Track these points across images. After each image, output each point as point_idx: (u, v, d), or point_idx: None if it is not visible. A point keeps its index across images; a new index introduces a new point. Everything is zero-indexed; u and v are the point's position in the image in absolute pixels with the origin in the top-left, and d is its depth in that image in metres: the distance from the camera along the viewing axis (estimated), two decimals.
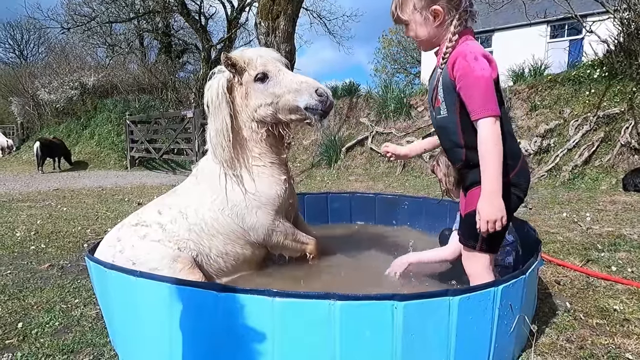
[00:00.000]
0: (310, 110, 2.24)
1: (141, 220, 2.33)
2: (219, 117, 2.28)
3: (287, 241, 2.53)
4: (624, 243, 3.48)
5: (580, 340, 1.98)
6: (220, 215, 2.35)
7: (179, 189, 2.59)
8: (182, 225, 2.30)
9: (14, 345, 1.99)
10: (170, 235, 2.25)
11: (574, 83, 7.42)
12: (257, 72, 2.28)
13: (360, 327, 1.45)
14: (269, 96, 2.29)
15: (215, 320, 1.55)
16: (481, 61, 1.57)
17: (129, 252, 2.16)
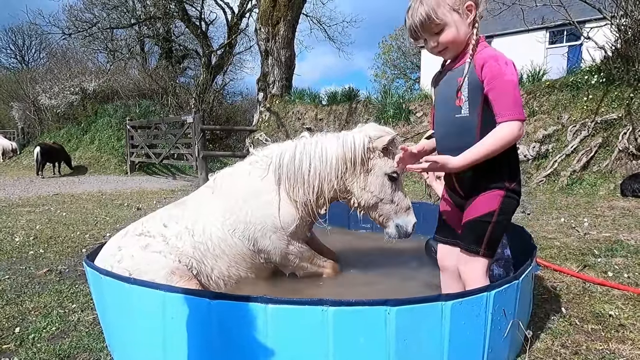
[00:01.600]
0: (398, 229, 2.47)
1: (145, 230, 2.34)
2: (340, 169, 2.37)
3: (302, 264, 2.55)
4: (620, 248, 3.48)
5: (575, 345, 1.98)
6: (230, 237, 2.36)
7: (190, 201, 2.59)
8: (186, 242, 2.30)
9: (10, 350, 2.00)
10: (172, 248, 2.26)
11: (572, 89, 7.45)
12: (395, 172, 2.40)
13: (354, 332, 1.46)
14: (385, 194, 2.42)
15: (208, 326, 1.56)
16: (511, 66, 1.62)
17: (127, 262, 2.16)
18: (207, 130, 12.32)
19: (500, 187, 1.72)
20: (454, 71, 1.76)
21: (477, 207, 1.76)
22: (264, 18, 11.88)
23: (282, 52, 11.95)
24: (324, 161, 2.39)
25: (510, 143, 1.61)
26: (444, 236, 1.99)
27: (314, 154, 2.42)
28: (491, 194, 1.72)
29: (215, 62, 18.54)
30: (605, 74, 7.02)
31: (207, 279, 2.31)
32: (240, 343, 1.53)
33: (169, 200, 7.37)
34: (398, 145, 2.41)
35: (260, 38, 12.10)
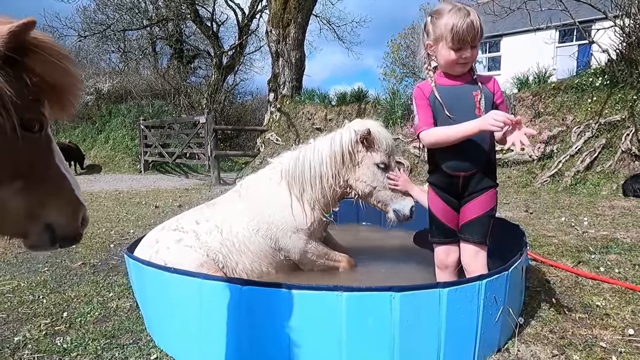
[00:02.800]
0: (396, 213, 2.68)
1: (180, 226, 2.63)
2: (334, 166, 2.63)
3: (320, 261, 2.80)
4: (615, 246, 3.68)
5: (562, 331, 2.21)
6: (254, 235, 2.64)
7: (219, 203, 2.87)
8: (215, 238, 2.58)
9: (62, 331, 2.28)
10: (202, 244, 2.53)
11: (576, 91, 7.60)
12: (383, 161, 2.65)
13: (364, 314, 1.71)
14: (377, 182, 2.66)
15: (238, 309, 1.82)
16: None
17: (163, 254, 2.45)
18: (219, 130, 12.61)
19: (495, 186, 2.10)
20: (466, 86, 2.06)
21: (482, 204, 2.07)
22: (275, 20, 12.14)
23: (292, 53, 12.20)
24: (320, 162, 2.66)
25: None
26: (445, 237, 2.21)
27: (312, 156, 2.70)
28: (491, 192, 2.07)
29: (226, 62, 18.86)
30: (609, 77, 7.16)
31: (232, 272, 2.58)
32: (266, 324, 1.79)
33: (184, 198, 7.68)
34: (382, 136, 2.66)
35: (271, 40, 12.36)
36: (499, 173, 7.70)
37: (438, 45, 2.03)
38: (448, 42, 1.96)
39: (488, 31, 7.39)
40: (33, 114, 0.92)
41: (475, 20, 1.92)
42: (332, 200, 2.77)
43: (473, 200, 2.08)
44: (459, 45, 1.94)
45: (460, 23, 1.90)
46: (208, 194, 8.04)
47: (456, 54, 1.97)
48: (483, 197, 2.05)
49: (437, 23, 2.00)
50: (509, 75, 10.02)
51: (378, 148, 2.64)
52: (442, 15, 1.98)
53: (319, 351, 1.74)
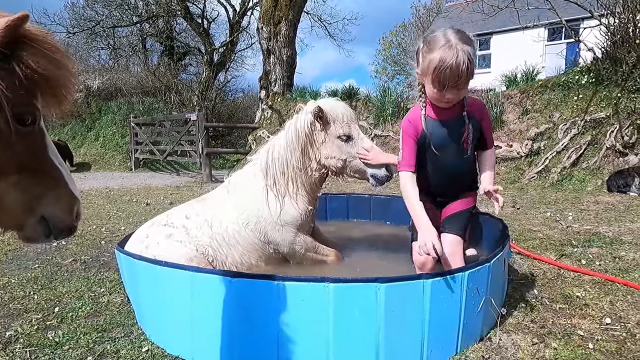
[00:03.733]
0: (374, 178, 2.68)
1: (170, 221, 2.67)
2: (296, 152, 2.64)
3: (308, 254, 2.84)
4: (597, 239, 3.78)
5: (542, 321, 2.29)
6: (244, 229, 2.68)
7: (209, 198, 2.92)
8: (205, 232, 2.62)
9: (54, 325, 2.31)
10: (192, 239, 2.57)
11: (563, 88, 7.73)
12: (344, 133, 2.65)
13: (350, 305, 1.76)
14: (345, 154, 2.67)
15: (229, 301, 1.86)
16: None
17: (153, 249, 2.48)
18: (211, 128, 12.59)
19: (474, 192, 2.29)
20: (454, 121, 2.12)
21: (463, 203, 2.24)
22: (266, 17, 12.14)
23: (283, 51, 12.21)
24: (284, 149, 2.67)
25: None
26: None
27: (278, 146, 2.72)
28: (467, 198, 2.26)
29: (218, 59, 18.79)
30: (594, 75, 7.30)
31: (221, 265, 2.62)
32: (256, 315, 1.83)
33: (175, 195, 7.68)
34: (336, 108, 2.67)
35: (262, 37, 12.35)
36: None
37: (424, 79, 2.01)
38: (430, 81, 1.94)
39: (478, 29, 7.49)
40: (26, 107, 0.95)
41: (463, 62, 1.82)
42: (313, 186, 2.80)
43: (455, 202, 2.27)
44: (441, 87, 1.91)
45: (445, 65, 1.83)
46: (199, 192, 8.04)
47: (438, 93, 1.95)
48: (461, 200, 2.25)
49: (426, 56, 1.94)
50: (498, 73, 10.14)
51: (335, 121, 2.65)
52: (432, 50, 1.90)
53: (307, 341, 1.79)
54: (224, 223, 2.67)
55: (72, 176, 1.14)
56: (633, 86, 6.90)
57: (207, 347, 1.91)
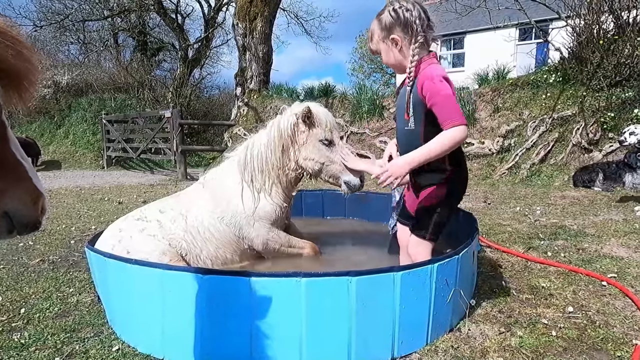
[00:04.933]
0: (347, 185, 2.72)
1: (143, 215, 2.63)
2: (276, 151, 2.68)
3: (282, 248, 2.85)
4: (563, 232, 3.94)
5: (509, 311, 2.37)
6: (219, 223, 2.68)
7: (184, 193, 2.91)
8: (179, 226, 2.60)
9: (20, 327, 2.24)
10: (165, 232, 2.55)
11: (532, 87, 7.98)
12: (327, 137, 2.70)
13: (322, 298, 1.78)
14: (324, 158, 2.72)
15: (200, 298, 1.85)
16: (444, 83, 1.90)
17: (126, 242, 2.45)
18: (185, 125, 12.39)
19: (441, 183, 2.08)
20: (404, 88, 2.09)
21: (425, 197, 2.13)
22: (241, 13, 12.02)
23: (259, 47, 12.12)
24: (265, 148, 2.72)
25: (457, 144, 1.89)
26: (404, 218, 2.36)
27: (259, 144, 2.76)
28: (434, 188, 2.09)
29: (192, 55, 18.50)
30: (561, 74, 7.56)
31: (195, 259, 2.60)
32: (228, 312, 1.83)
33: (149, 194, 7.53)
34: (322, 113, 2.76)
35: (237, 33, 12.23)
36: None
37: None
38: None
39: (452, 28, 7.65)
40: None
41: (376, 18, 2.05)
42: (288, 185, 2.86)
43: (421, 192, 2.15)
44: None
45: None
46: (174, 190, 7.92)
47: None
48: (428, 189, 2.10)
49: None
50: (472, 71, 10.37)
51: (319, 125, 2.72)
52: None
53: (280, 335, 1.80)
54: (200, 216, 2.67)
55: (40, 175, 1.11)
56: (597, 85, 7.18)
57: (179, 345, 1.89)
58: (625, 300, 2.46)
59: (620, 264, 3.04)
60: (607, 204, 5.22)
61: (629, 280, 2.74)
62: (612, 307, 2.38)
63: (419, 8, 1.96)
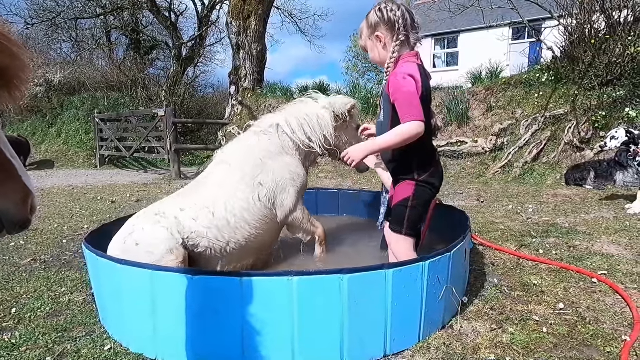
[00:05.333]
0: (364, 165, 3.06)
1: (161, 211, 2.52)
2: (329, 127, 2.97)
3: (305, 221, 2.96)
4: (555, 230, 3.97)
5: (501, 308, 2.39)
6: (253, 202, 2.66)
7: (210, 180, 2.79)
8: (202, 222, 2.51)
9: (10, 327, 2.22)
10: (182, 228, 2.45)
11: (525, 86, 8.02)
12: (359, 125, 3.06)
13: (314, 296, 1.78)
14: (356, 138, 3.08)
15: (191, 299, 1.84)
16: (408, 80, 1.95)
17: (137, 235, 2.35)
18: (179, 124, 12.33)
19: (411, 179, 2.13)
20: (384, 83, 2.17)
21: (398, 194, 2.18)
22: (235, 12, 11.97)
23: (253, 46, 12.09)
24: (326, 122, 2.96)
25: (411, 139, 1.96)
26: (388, 215, 2.40)
27: (316, 117, 2.96)
28: (404, 184, 2.14)
29: (186, 54, 18.40)
30: (554, 73, 7.61)
31: (221, 252, 2.55)
32: (219, 312, 1.82)
33: (142, 193, 7.49)
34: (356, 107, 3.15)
35: (231, 32, 12.18)
36: (454, 165, 8.04)
37: None
38: None
39: (446, 27, 7.70)
40: None
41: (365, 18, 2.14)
42: (315, 160, 3.16)
43: (396, 188, 2.22)
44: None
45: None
46: (168, 189, 7.88)
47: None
48: (398, 187, 2.17)
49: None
50: (465, 70, 10.41)
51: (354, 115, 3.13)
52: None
53: (272, 334, 1.80)
54: (230, 205, 2.60)
55: (32, 174, 1.10)
56: (589, 84, 7.24)
57: (171, 345, 1.89)
58: (615, 297, 2.49)
59: (611, 261, 3.07)
60: (598, 202, 5.26)
61: (619, 277, 2.77)
62: (603, 303, 2.41)
63: (404, 9, 2.06)
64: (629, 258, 3.14)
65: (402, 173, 2.16)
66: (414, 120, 1.91)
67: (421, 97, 1.96)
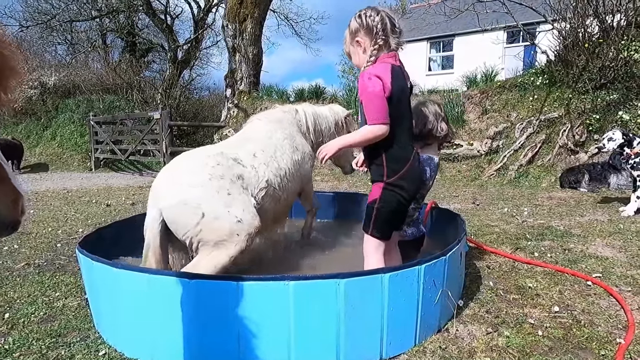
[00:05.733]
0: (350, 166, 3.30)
1: (239, 156, 2.46)
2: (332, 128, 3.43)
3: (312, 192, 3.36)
4: (549, 233, 3.99)
5: (497, 311, 2.39)
6: (292, 162, 2.81)
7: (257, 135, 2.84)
8: (272, 170, 2.56)
9: (3, 332, 2.20)
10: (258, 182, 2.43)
11: (519, 89, 8.08)
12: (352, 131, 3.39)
13: (310, 301, 1.78)
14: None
15: (187, 303, 1.83)
16: (374, 80, 1.98)
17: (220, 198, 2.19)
18: (175, 126, 12.31)
19: (379, 181, 2.14)
20: None
21: (370, 195, 2.20)
22: (231, 15, 11.98)
23: (249, 49, 12.10)
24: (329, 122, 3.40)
25: (372, 139, 2.02)
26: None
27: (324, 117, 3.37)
28: (375, 185, 2.17)
29: (182, 56, 18.38)
30: (548, 76, 7.66)
31: (276, 204, 2.62)
32: (216, 316, 1.82)
33: (138, 196, 7.46)
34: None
35: (227, 35, 12.19)
36: (450, 167, 8.07)
37: None
38: None
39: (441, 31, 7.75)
40: None
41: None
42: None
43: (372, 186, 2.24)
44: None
45: None
46: None
47: None
48: (373, 186, 2.19)
49: None
50: (461, 74, 10.46)
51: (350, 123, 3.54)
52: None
53: (268, 339, 1.79)
54: (285, 156, 2.76)
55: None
56: (583, 88, 7.30)
57: (167, 350, 1.88)
58: (609, 300, 2.50)
59: (605, 264, 3.09)
60: (592, 205, 5.30)
61: (614, 280, 2.79)
62: (597, 306, 2.42)
63: (384, 14, 2.07)
64: (623, 260, 3.17)
65: (374, 174, 2.18)
66: (374, 121, 1.96)
67: (390, 97, 1.97)
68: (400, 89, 2.03)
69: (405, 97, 2.11)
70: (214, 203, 2.20)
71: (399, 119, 2.04)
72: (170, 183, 2.28)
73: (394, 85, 1.98)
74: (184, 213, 2.17)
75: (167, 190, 2.24)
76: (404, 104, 2.10)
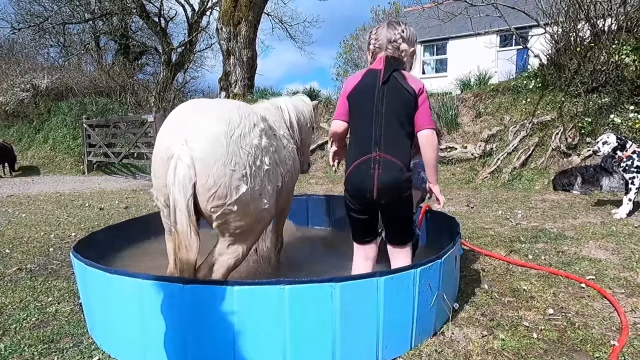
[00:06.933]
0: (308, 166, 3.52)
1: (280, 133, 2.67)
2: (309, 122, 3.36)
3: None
4: (543, 235, 4.01)
5: (492, 314, 2.40)
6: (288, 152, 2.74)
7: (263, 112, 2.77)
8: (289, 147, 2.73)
9: None
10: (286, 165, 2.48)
11: (513, 92, 8.14)
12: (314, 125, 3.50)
13: (305, 305, 1.77)
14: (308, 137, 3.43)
15: (181, 308, 1.82)
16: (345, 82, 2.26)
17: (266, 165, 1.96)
18: None
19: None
20: None
21: None
22: (225, 18, 11.98)
23: (243, 52, 12.10)
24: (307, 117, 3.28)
25: (334, 134, 2.33)
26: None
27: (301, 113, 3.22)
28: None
29: (176, 59, 18.33)
30: (541, 80, 7.73)
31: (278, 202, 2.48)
32: (210, 320, 1.80)
33: (131, 200, 7.41)
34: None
35: (221, 38, 12.19)
36: (444, 170, 8.11)
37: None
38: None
39: (435, 34, 7.81)
40: None
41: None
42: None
43: None
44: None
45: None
46: None
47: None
48: None
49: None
50: (454, 77, 10.52)
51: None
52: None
53: (263, 343, 1.78)
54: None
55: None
56: (575, 91, 7.37)
57: (161, 355, 1.86)
58: (603, 302, 2.52)
59: (599, 266, 3.11)
60: (585, 207, 5.34)
61: (607, 282, 2.81)
62: (591, 308, 2.44)
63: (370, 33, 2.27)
64: (616, 263, 3.19)
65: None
66: (334, 119, 2.25)
67: (348, 96, 2.17)
68: (358, 88, 2.15)
69: (360, 96, 2.12)
70: (260, 173, 1.85)
71: (350, 118, 2.21)
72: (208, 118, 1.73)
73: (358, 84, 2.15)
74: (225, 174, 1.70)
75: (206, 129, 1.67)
76: (357, 104, 2.15)
